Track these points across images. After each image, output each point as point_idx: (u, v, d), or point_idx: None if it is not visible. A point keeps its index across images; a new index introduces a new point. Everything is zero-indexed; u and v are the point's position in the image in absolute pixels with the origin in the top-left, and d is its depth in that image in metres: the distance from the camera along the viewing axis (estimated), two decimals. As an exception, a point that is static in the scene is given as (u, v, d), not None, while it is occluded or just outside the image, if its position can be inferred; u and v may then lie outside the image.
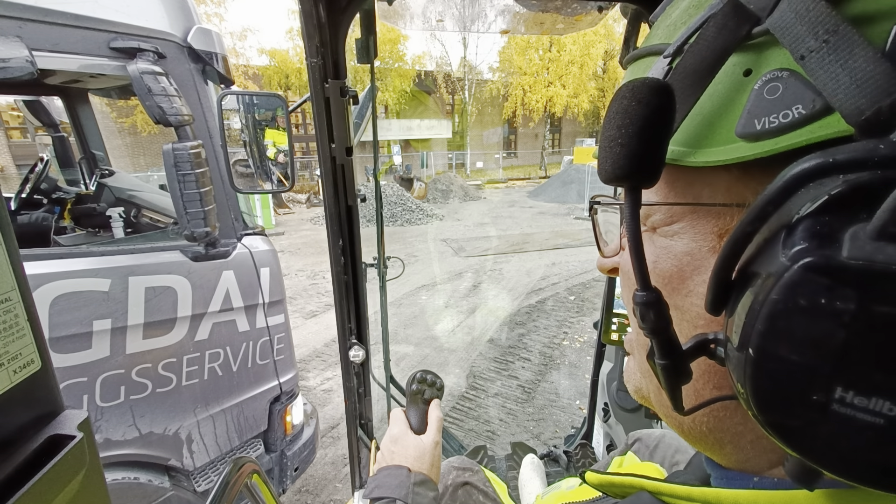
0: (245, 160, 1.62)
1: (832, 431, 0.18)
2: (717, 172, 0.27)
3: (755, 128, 0.23)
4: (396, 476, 0.68)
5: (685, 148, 0.27)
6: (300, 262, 7.51)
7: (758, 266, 0.20)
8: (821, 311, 0.17)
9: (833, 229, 0.18)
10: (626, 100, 0.23)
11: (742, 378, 0.21)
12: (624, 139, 0.23)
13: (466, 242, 8.77)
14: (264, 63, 19.42)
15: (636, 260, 0.25)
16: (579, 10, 1.16)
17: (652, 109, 0.22)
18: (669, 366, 0.26)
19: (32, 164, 2.80)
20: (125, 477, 1.55)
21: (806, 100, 0.22)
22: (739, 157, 0.24)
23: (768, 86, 0.23)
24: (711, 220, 0.28)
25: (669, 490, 0.32)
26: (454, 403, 3.34)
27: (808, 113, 0.21)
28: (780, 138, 0.22)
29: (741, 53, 0.25)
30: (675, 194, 0.30)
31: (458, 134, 24.76)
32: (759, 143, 0.23)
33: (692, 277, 0.29)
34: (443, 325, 4.80)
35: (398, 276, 2.01)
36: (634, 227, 0.25)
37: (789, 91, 0.22)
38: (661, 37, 0.31)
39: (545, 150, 26.04)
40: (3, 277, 0.34)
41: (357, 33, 1.09)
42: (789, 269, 0.18)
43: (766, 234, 0.20)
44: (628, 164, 0.23)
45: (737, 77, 0.25)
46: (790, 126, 0.22)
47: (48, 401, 0.38)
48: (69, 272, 1.36)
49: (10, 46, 1.14)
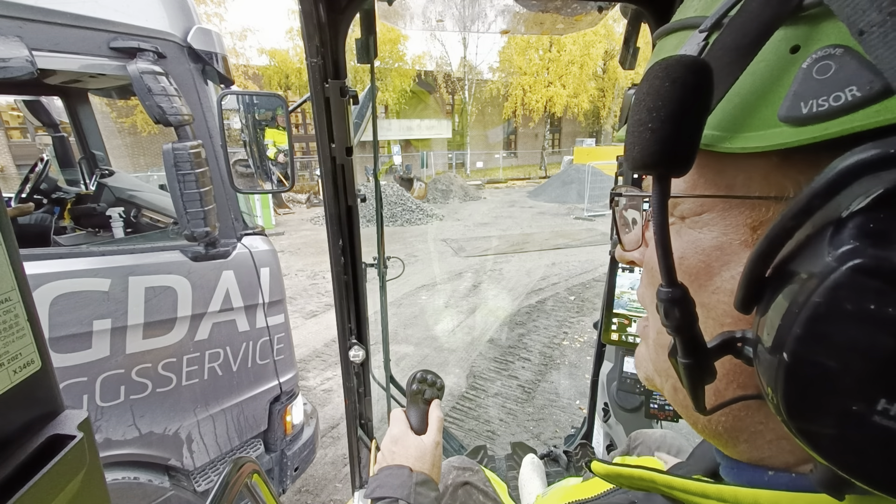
0: (245, 160, 1.62)
1: (872, 443, 0.17)
2: (753, 160, 0.24)
3: (801, 111, 0.21)
4: (398, 476, 0.68)
5: (720, 132, 0.24)
6: (300, 262, 7.51)
7: (799, 265, 0.19)
8: (869, 317, 0.16)
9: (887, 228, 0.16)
10: (659, 79, 0.21)
11: (773, 382, 0.20)
12: (655, 123, 0.21)
13: (466, 242, 8.77)
14: (264, 63, 19.41)
15: (662, 254, 0.23)
16: (579, 10, 1.16)
17: (688, 90, 0.20)
18: (693, 365, 0.24)
19: (32, 164, 2.80)
20: (125, 477, 1.55)
21: (862, 81, 0.19)
22: (782, 144, 0.22)
23: (819, 64, 0.21)
24: (745, 212, 0.26)
25: (682, 486, 0.31)
26: (454, 403, 3.34)
27: (865, 95, 0.19)
28: (830, 123, 0.20)
29: (789, 27, 0.22)
30: (706, 182, 0.27)
31: (458, 134, 24.76)
32: (806, 129, 0.21)
33: (720, 273, 0.27)
34: (443, 325, 4.80)
35: (398, 276, 2.01)
36: (662, 220, 0.23)
37: (843, 71, 0.20)
38: (697, 9, 0.28)
39: (545, 150, 26.04)
40: (3, 277, 0.34)
41: (357, 33, 1.09)
42: (836, 270, 0.17)
43: (810, 230, 0.19)
44: (659, 150, 0.21)
45: (782, 54, 0.22)
46: (842, 110, 0.20)
47: (48, 401, 0.38)
48: (69, 272, 1.36)
49: (10, 46, 1.14)
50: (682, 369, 0.25)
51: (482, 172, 23.25)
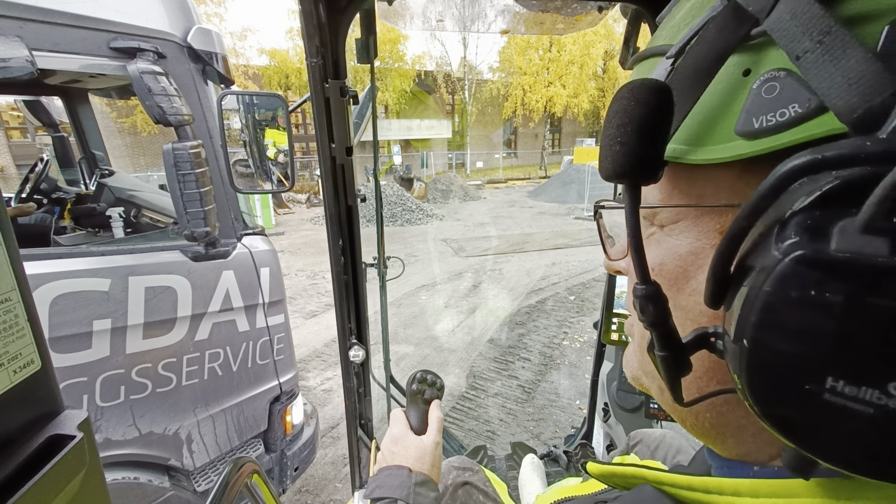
0: (245, 160, 1.62)
1: (824, 421, 0.19)
2: (718, 170, 0.27)
3: (753, 126, 0.24)
4: (397, 476, 0.68)
5: (686, 146, 0.27)
6: (300, 262, 7.50)
7: (752, 260, 0.21)
8: (811, 302, 0.18)
9: (823, 223, 0.18)
10: (626, 100, 0.23)
11: (738, 369, 0.21)
12: (623, 138, 0.23)
13: (466, 242, 8.77)
14: (264, 63, 19.41)
15: (636, 254, 0.26)
16: (579, 10, 1.16)
17: (650, 110, 0.23)
18: (669, 357, 0.26)
19: (32, 164, 2.80)
20: (125, 477, 1.55)
21: (802, 99, 0.22)
22: (738, 155, 0.24)
23: (766, 85, 0.23)
24: (715, 218, 0.28)
25: (671, 480, 0.32)
26: (454, 403, 3.34)
27: (804, 112, 0.22)
28: (778, 136, 0.23)
29: (740, 54, 0.25)
30: (679, 192, 0.30)
31: (458, 134, 24.76)
32: (758, 141, 0.23)
33: (696, 276, 0.29)
34: (443, 325, 4.80)
35: (398, 276, 2.01)
36: (634, 223, 0.26)
37: (786, 90, 0.23)
38: (665, 38, 0.31)
39: (545, 150, 26.04)
40: (3, 277, 0.34)
41: (357, 33, 1.09)
42: (781, 262, 0.18)
43: (760, 230, 0.21)
44: (627, 162, 0.24)
45: (736, 77, 0.25)
46: (787, 124, 0.22)
47: (48, 401, 0.38)
48: (69, 272, 1.36)
49: (10, 46, 1.14)
50: (659, 362, 0.27)
51: (482, 172, 23.25)
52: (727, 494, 0.28)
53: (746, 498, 0.27)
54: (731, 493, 0.28)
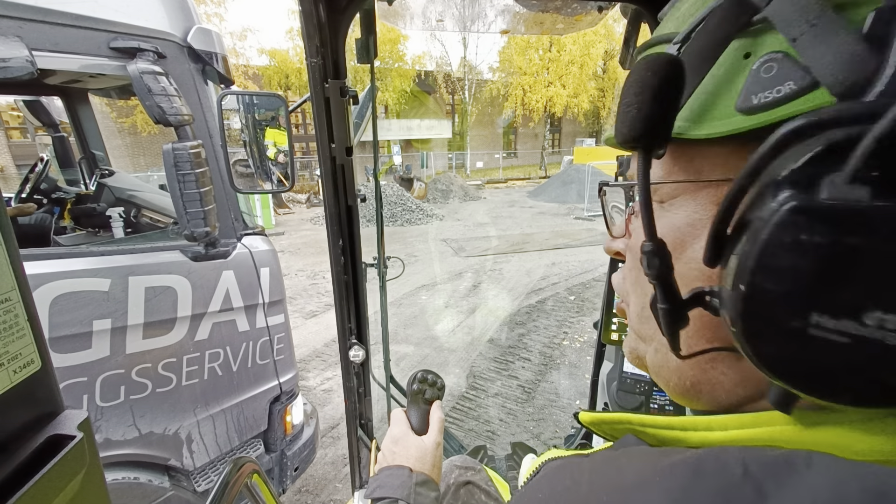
0: (245, 160, 1.62)
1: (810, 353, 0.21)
2: (716, 148, 0.29)
3: (752, 102, 0.26)
4: (398, 476, 0.68)
5: (689, 122, 0.29)
6: (300, 262, 7.50)
7: (750, 216, 0.23)
8: (801, 245, 0.20)
9: (815, 178, 0.20)
10: (643, 71, 0.26)
11: (734, 315, 0.23)
12: (640, 104, 0.26)
13: (466, 242, 8.77)
14: (264, 63, 19.41)
15: (645, 213, 0.28)
16: (579, 10, 1.16)
17: (665, 79, 0.25)
18: (670, 310, 0.29)
19: (32, 164, 2.80)
20: (125, 477, 1.55)
21: (797, 76, 0.24)
22: (738, 129, 0.26)
23: (765, 66, 0.26)
24: (711, 192, 0.31)
25: (652, 421, 0.35)
26: (454, 403, 3.34)
27: (798, 88, 0.24)
28: (774, 111, 0.25)
29: (742, 38, 0.27)
30: (679, 169, 0.32)
31: (458, 134, 24.75)
32: (756, 116, 0.26)
33: (692, 245, 0.31)
34: (443, 325, 4.80)
35: (398, 276, 2.01)
36: (645, 185, 0.28)
37: (783, 70, 0.25)
38: (671, 27, 0.34)
39: (545, 150, 26.04)
40: (3, 277, 0.34)
41: (357, 33, 1.09)
42: (776, 212, 0.21)
43: (758, 188, 0.23)
44: (642, 126, 0.26)
45: (737, 59, 0.27)
46: (783, 99, 0.25)
47: (48, 401, 0.38)
48: (69, 272, 1.36)
49: (10, 46, 1.14)
50: (661, 315, 0.29)
51: (482, 172, 23.24)
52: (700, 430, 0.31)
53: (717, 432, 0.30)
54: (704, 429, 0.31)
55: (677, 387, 0.35)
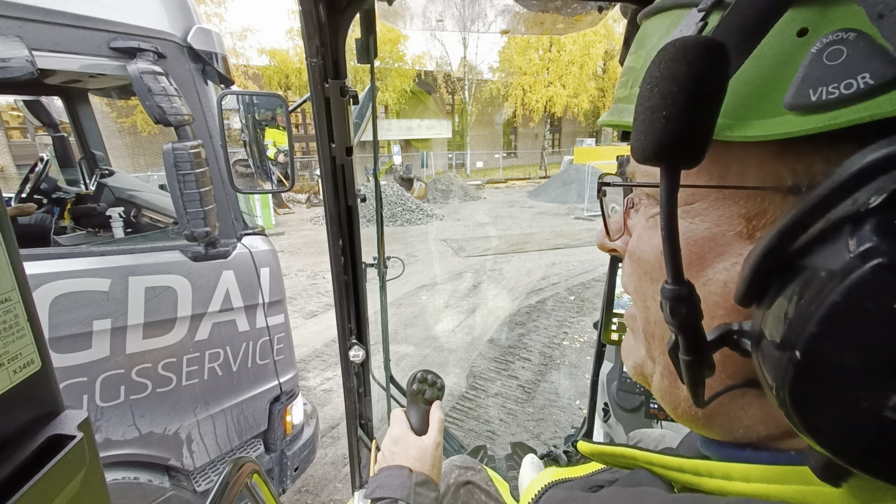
0: (245, 160, 1.62)
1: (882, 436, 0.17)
2: (749, 148, 0.23)
3: (809, 99, 0.20)
4: (398, 476, 0.68)
5: (723, 120, 0.22)
6: (300, 262, 7.50)
7: (813, 260, 0.18)
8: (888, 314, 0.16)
9: None
10: (674, 62, 0.19)
11: (781, 378, 0.19)
12: (671, 111, 0.19)
13: (466, 242, 8.77)
14: (264, 63, 19.41)
15: (670, 250, 0.22)
16: (579, 10, 1.16)
17: (707, 75, 0.19)
18: (695, 362, 0.24)
19: (32, 164, 2.80)
20: (125, 477, 1.55)
21: (876, 68, 0.18)
22: (787, 133, 0.20)
23: (829, 49, 0.19)
24: (740, 202, 0.25)
25: (661, 461, 0.31)
26: (454, 403, 3.34)
27: (878, 83, 0.18)
28: (840, 112, 0.19)
29: (798, 8, 0.21)
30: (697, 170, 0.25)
31: (457, 134, 24.76)
32: (813, 117, 0.20)
33: (714, 265, 0.26)
34: (443, 325, 4.80)
35: (398, 276, 2.01)
36: (670, 212, 0.22)
37: (856, 56, 0.19)
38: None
39: (545, 150, 26.04)
40: (3, 277, 0.34)
41: (357, 33, 1.09)
42: (859, 268, 0.16)
43: (827, 225, 0.18)
44: (672, 140, 0.20)
45: (789, 37, 0.21)
46: (854, 98, 0.18)
47: (48, 401, 0.38)
48: (69, 272, 1.36)
49: (10, 46, 1.14)
50: (684, 366, 0.24)
51: (482, 172, 23.24)
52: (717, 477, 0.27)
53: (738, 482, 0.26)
54: (721, 477, 0.27)
55: (686, 413, 0.31)
